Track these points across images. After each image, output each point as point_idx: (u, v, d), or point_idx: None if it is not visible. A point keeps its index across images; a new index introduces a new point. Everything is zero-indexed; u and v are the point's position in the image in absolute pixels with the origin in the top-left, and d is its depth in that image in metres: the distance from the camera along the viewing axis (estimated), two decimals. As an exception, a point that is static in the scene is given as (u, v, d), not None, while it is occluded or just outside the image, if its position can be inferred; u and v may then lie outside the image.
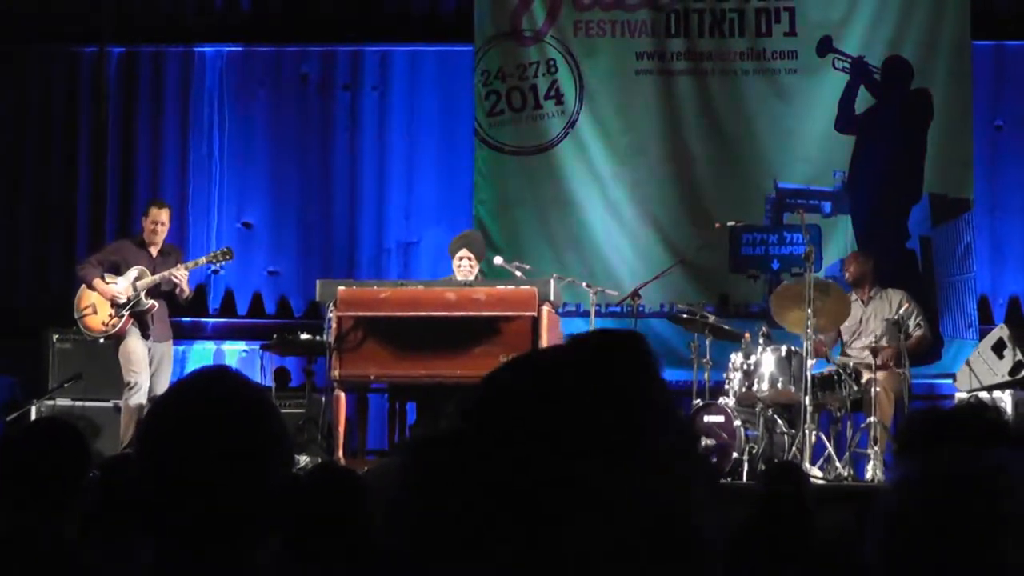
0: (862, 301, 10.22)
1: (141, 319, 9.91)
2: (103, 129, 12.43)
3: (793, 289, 9.90)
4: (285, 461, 2.06)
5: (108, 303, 9.88)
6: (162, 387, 9.54)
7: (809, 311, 9.38)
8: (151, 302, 9.92)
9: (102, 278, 9.93)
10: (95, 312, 9.92)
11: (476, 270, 9.86)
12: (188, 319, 11.82)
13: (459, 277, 9.71)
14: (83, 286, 10.00)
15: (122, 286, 9.91)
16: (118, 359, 9.89)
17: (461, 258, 9.84)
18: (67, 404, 10.40)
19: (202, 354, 11.84)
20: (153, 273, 9.94)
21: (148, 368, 9.85)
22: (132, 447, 8.56)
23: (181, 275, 9.90)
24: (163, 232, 10.16)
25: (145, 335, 9.91)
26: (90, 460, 3.77)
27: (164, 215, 10.20)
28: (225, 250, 10.34)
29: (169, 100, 12.51)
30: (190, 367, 10.82)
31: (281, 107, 12.44)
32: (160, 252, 10.11)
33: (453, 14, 12.31)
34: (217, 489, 1.94)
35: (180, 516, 1.95)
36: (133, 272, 9.95)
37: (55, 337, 10.77)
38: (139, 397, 9.69)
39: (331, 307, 9.13)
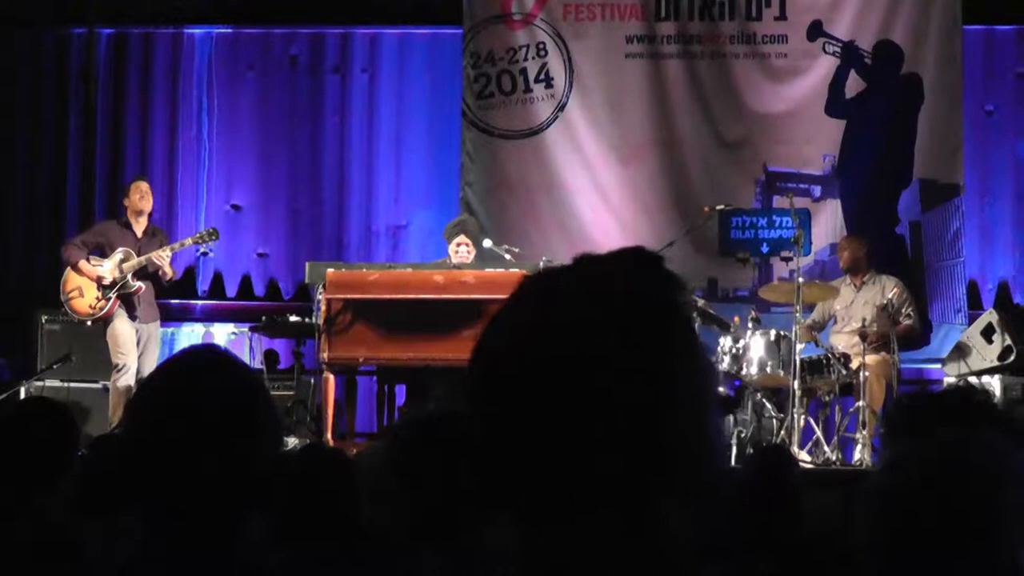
0: (855, 286, 10.22)
1: (128, 301, 9.89)
2: (92, 111, 12.39)
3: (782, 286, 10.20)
4: (274, 439, 2.05)
5: (94, 285, 9.86)
6: (149, 368, 9.52)
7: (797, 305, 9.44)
8: (138, 284, 9.89)
9: (87, 260, 9.91)
10: (81, 295, 9.90)
11: (473, 255, 9.85)
12: (177, 301, 11.80)
13: (455, 262, 9.70)
14: (68, 268, 9.97)
15: (107, 268, 9.89)
16: (106, 341, 9.88)
17: (459, 244, 9.83)
18: (56, 385, 10.37)
19: (191, 336, 11.80)
20: (139, 255, 9.92)
21: (136, 349, 9.84)
22: (120, 426, 8.57)
23: (164, 257, 9.87)
24: (149, 199, 10.16)
25: (132, 317, 9.90)
26: (79, 439, 3.77)
27: (145, 185, 10.22)
28: (210, 230, 10.32)
29: (158, 82, 12.47)
30: (178, 349, 10.80)
31: (270, 89, 12.40)
32: (145, 233, 10.09)
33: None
34: (205, 467, 1.94)
35: (168, 494, 1.95)
36: (119, 254, 9.92)
37: (44, 318, 10.75)
38: (127, 378, 9.68)
39: (320, 289, 9.11)
